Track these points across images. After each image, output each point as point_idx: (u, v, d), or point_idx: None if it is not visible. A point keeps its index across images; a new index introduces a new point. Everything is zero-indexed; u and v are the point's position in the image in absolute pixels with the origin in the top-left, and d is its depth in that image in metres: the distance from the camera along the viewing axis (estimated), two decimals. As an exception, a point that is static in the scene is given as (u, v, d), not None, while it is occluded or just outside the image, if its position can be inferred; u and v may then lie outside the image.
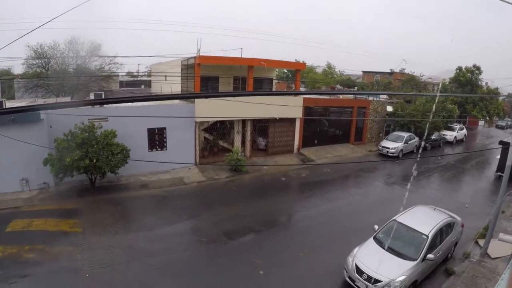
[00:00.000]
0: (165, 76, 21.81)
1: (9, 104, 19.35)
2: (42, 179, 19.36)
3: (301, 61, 42.97)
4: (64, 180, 18.52)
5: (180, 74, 26.69)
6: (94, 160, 17.44)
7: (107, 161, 17.94)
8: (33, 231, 15.40)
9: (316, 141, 28.94)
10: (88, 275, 12.68)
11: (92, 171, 18.20)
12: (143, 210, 18.21)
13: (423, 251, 11.08)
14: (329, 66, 62.01)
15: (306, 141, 28.46)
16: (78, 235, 15.25)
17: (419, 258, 10.95)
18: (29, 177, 19.16)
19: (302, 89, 31.92)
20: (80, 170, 17.63)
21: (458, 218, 13.72)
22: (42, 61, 35.90)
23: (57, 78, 33.90)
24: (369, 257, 11.37)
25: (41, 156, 17.76)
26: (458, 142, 37.38)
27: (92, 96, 22.00)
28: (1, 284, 12.20)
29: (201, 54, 23.90)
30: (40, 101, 22.67)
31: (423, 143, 27.82)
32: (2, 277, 12.51)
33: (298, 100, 26.51)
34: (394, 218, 12.78)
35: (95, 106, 20.72)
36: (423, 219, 12.61)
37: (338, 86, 40.90)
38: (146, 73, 51.55)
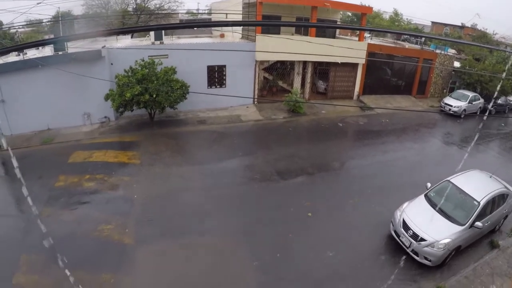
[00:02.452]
0: (226, 14, 21.62)
1: (70, 43, 20.21)
2: (103, 113, 20.56)
3: (367, 5, 40.91)
4: (124, 114, 19.59)
5: (241, 13, 26.33)
6: (154, 95, 18.03)
7: (166, 97, 18.50)
8: (93, 162, 16.55)
9: (377, 90, 28.26)
10: (144, 204, 13.72)
11: (151, 106, 18.88)
12: (200, 145, 18.90)
13: (472, 217, 10.83)
14: (396, 13, 58.46)
15: (367, 89, 27.75)
16: (135, 166, 16.24)
17: (467, 224, 10.75)
18: (90, 112, 20.36)
19: (366, 35, 30.56)
20: (140, 105, 18.37)
21: (513, 191, 13.13)
22: (102, 1, 36.21)
23: (117, 17, 34.44)
24: (417, 214, 11.36)
25: (102, 92, 18.73)
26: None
27: (152, 35, 22.30)
28: (63, 210, 13.46)
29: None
30: (100, 41, 23.42)
31: (488, 106, 26.14)
32: (64, 204, 13.77)
33: (362, 45, 25.66)
34: (448, 178, 12.48)
35: (155, 43, 21.18)
36: (477, 185, 12.14)
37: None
38: (206, 12, 51.04)
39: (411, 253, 10.79)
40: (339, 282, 10.41)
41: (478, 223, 10.73)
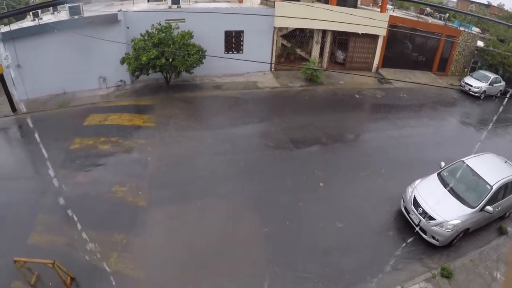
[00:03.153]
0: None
1: (86, 7, 20.10)
2: (118, 77, 20.65)
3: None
4: (140, 78, 19.67)
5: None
6: (170, 60, 17.97)
7: (182, 61, 18.42)
8: (108, 125, 16.77)
9: (396, 64, 27.64)
10: (158, 167, 13.92)
11: (167, 70, 18.80)
12: (215, 110, 18.96)
13: (484, 201, 10.75)
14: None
15: (386, 62, 27.13)
16: (150, 130, 16.40)
17: (478, 207, 10.69)
18: (106, 75, 20.46)
19: (389, 7, 29.64)
20: (156, 69, 18.36)
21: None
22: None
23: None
24: (429, 193, 11.34)
25: (118, 55, 18.70)
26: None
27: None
28: (78, 171, 13.71)
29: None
30: (116, 5, 23.20)
31: (510, 89, 25.36)
32: (79, 166, 14.03)
33: (384, 16, 24.97)
34: (462, 159, 12.34)
35: (172, 7, 20.91)
36: (491, 169, 11.92)
37: (427, 9, 37.28)
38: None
39: (419, 231, 10.83)
40: (345, 254, 10.60)
41: (489, 208, 10.63)
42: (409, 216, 11.36)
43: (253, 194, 12.83)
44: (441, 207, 10.74)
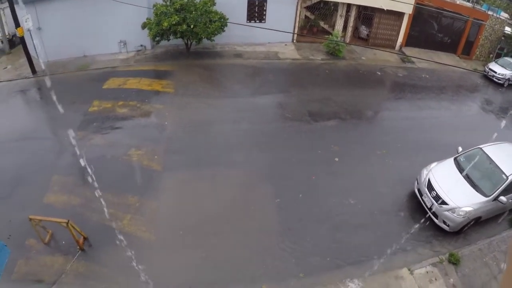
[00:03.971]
0: None
1: None
2: (139, 42, 20.55)
3: None
4: (160, 44, 19.56)
5: None
6: (192, 26, 17.80)
7: (204, 28, 18.26)
8: (127, 89, 16.84)
9: (420, 43, 26.93)
10: (174, 132, 14.10)
11: (188, 36, 18.66)
12: (234, 78, 18.93)
13: (498, 190, 10.54)
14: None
15: (410, 40, 26.39)
16: (169, 95, 16.47)
17: (491, 196, 10.51)
18: (127, 39, 20.35)
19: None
20: (177, 35, 18.27)
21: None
22: None
23: None
24: (444, 177, 11.22)
25: (139, 20, 18.59)
26: None
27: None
28: (95, 134, 13.89)
29: None
30: None
31: None
32: (96, 128, 14.19)
33: (411, -7, 24.29)
34: (480, 146, 12.07)
35: None
36: (509, 159, 11.59)
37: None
38: None
39: (430, 214, 10.78)
40: (355, 231, 10.70)
41: (503, 198, 10.44)
42: (422, 199, 11.32)
43: (267, 164, 12.92)
44: (455, 192, 10.65)
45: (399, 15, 25.01)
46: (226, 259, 9.75)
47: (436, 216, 10.74)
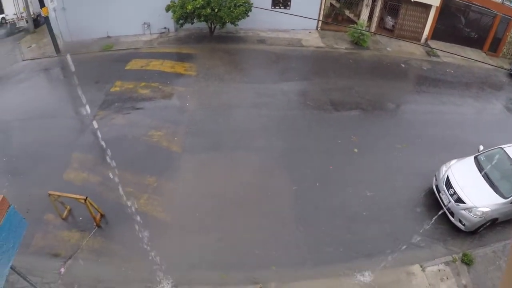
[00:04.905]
0: None
1: None
2: (162, 24, 20.68)
3: None
4: (184, 27, 19.61)
5: None
6: (216, 10, 17.78)
7: (228, 12, 18.18)
8: (150, 70, 17.03)
9: (447, 37, 26.30)
10: (195, 115, 14.23)
11: (212, 20, 18.67)
12: (257, 64, 18.91)
13: None
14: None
15: (437, 34, 25.79)
16: (191, 78, 16.57)
17: (510, 198, 10.27)
18: (150, 21, 20.51)
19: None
20: (201, 18, 18.25)
21: None
22: None
23: None
24: (463, 175, 11.01)
25: (163, 2, 18.70)
26: None
27: None
28: (117, 114, 14.10)
29: None
30: None
31: None
32: (118, 108, 14.41)
33: (439, -15, 23.70)
34: (502, 146, 11.75)
35: None
36: None
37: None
38: None
39: (447, 212, 10.68)
40: (370, 223, 10.70)
41: None
42: (439, 196, 11.19)
43: (286, 151, 12.97)
44: (473, 191, 10.48)
45: (426, 7, 24.48)
46: (240, 243, 9.91)
47: (453, 215, 10.60)
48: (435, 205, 11.30)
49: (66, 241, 9.80)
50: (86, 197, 9.35)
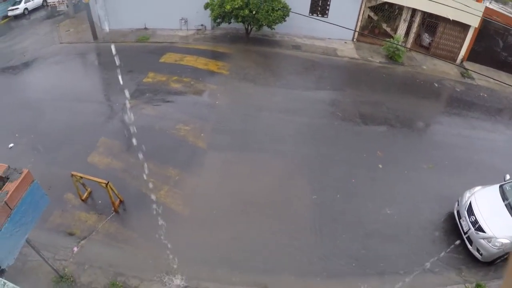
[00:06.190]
0: None
1: None
2: (200, 21, 21.03)
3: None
4: (221, 26, 19.82)
5: None
6: (254, 12, 17.90)
7: (266, 15, 18.31)
8: (183, 65, 17.33)
9: (483, 60, 25.68)
10: (224, 114, 14.36)
11: (249, 21, 18.83)
12: (289, 69, 18.93)
13: None
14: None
15: (473, 55, 25.24)
16: (223, 77, 16.74)
17: None
18: (188, 18, 20.88)
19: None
20: (238, 19, 18.39)
21: None
22: None
23: None
24: (486, 203, 10.76)
25: (202, 0, 18.92)
26: None
27: None
28: (147, 104, 14.38)
29: None
30: None
31: None
32: (148, 99, 14.70)
33: (479, 6, 22.99)
34: None
35: None
36: None
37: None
38: None
39: (465, 239, 10.51)
40: (386, 241, 10.60)
41: None
42: (460, 221, 10.99)
43: (310, 159, 12.99)
44: (495, 221, 10.25)
45: (465, 27, 24.03)
46: (253, 245, 9.98)
47: (471, 243, 10.40)
48: (454, 230, 11.11)
49: (83, 222, 10.08)
50: (108, 182, 9.57)
